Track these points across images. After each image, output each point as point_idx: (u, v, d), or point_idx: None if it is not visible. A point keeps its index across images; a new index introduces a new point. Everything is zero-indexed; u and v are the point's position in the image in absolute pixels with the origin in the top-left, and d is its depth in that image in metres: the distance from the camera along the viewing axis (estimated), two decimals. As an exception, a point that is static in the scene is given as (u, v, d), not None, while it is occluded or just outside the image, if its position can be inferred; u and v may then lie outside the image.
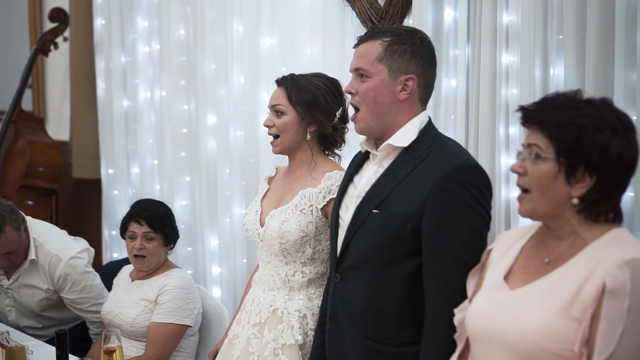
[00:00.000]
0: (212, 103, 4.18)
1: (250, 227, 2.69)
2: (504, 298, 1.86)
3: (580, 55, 2.56)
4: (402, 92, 2.26)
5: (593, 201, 1.77)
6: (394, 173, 2.24)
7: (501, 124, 2.86)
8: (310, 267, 2.63)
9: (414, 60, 2.25)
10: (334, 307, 2.34)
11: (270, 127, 2.68)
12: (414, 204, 2.16)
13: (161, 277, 3.34)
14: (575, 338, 1.71)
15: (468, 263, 2.09)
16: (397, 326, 2.21)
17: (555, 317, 1.73)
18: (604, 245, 1.75)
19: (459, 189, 2.13)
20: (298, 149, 2.68)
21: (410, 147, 2.24)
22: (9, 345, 2.73)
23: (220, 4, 4.07)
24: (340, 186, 2.45)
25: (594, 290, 1.69)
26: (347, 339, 2.29)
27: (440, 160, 2.18)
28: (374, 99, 2.26)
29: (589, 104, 1.78)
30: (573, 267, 1.76)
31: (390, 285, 2.21)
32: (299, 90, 2.64)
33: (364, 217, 2.24)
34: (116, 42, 4.83)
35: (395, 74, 2.25)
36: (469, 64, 3.00)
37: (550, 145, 1.78)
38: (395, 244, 2.19)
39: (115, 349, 2.62)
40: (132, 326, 3.27)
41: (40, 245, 3.64)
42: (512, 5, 2.79)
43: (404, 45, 2.25)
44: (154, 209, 3.40)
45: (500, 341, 1.82)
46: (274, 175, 2.82)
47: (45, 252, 3.63)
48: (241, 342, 2.65)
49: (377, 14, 3.30)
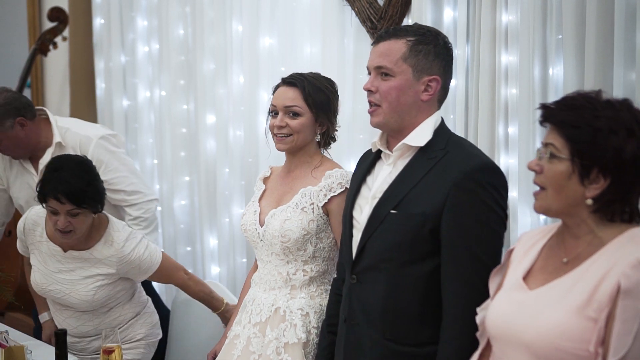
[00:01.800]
0: (212, 103, 4.18)
1: (249, 228, 2.69)
2: (522, 298, 1.86)
3: (579, 55, 2.56)
4: (425, 93, 2.25)
5: (607, 202, 1.77)
6: (411, 173, 2.23)
7: (500, 124, 2.86)
8: (312, 265, 2.63)
9: (438, 61, 2.24)
10: (351, 309, 2.32)
11: (283, 127, 2.65)
12: (433, 204, 2.16)
13: (102, 245, 3.06)
14: (590, 338, 1.71)
15: (486, 263, 2.10)
16: (417, 326, 2.21)
17: (571, 317, 1.74)
18: (621, 245, 1.76)
19: (479, 189, 2.13)
20: (303, 148, 2.68)
21: (426, 147, 2.24)
22: (8, 345, 2.72)
23: (220, 4, 4.07)
24: (351, 187, 2.44)
25: (610, 290, 1.70)
26: (366, 341, 2.27)
27: (458, 160, 2.18)
28: (397, 98, 2.24)
29: (607, 106, 1.77)
30: (590, 267, 1.77)
31: (408, 285, 2.20)
32: (315, 92, 2.63)
33: (381, 217, 2.23)
34: (116, 41, 4.83)
35: (419, 74, 2.23)
36: (468, 64, 3.00)
37: (566, 145, 1.78)
38: (413, 244, 2.19)
39: (115, 349, 2.62)
40: (92, 302, 3.06)
41: (67, 130, 3.57)
42: (512, 5, 2.79)
43: (428, 46, 2.24)
44: (74, 180, 2.92)
45: (517, 341, 1.82)
46: (269, 176, 2.81)
47: (73, 135, 3.56)
48: (242, 342, 2.65)
49: (376, 14, 3.31)
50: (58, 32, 5.19)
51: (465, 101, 3.00)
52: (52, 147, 3.56)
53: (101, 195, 3.03)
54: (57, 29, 5.19)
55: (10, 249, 4.80)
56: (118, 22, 4.83)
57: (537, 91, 2.72)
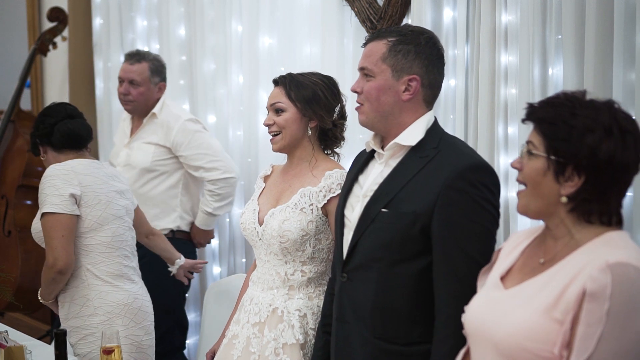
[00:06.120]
0: (212, 103, 4.19)
1: (248, 226, 2.69)
2: (496, 297, 1.87)
3: (579, 55, 2.56)
4: (405, 93, 2.25)
5: (583, 201, 1.77)
6: (402, 172, 2.24)
7: (500, 124, 2.86)
8: (310, 266, 2.63)
9: (418, 60, 2.24)
10: (341, 307, 2.33)
11: (271, 125, 2.69)
12: (424, 203, 2.16)
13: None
14: (556, 340, 1.71)
15: (479, 262, 2.09)
16: (407, 325, 2.21)
17: (538, 318, 1.73)
18: (595, 248, 1.75)
19: (470, 189, 2.13)
20: (298, 146, 2.69)
21: (418, 147, 2.24)
22: (8, 345, 2.72)
23: (220, 4, 4.07)
24: (344, 185, 2.44)
25: (576, 292, 1.69)
26: (355, 339, 2.28)
27: (450, 159, 2.18)
28: (377, 98, 2.26)
29: (587, 105, 1.78)
30: (562, 269, 1.76)
31: (399, 284, 2.21)
32: (297, 87, 2.66)
33: (372, 216, 2.24)
34: (115, 41, 4.83)
35: (398, 74, 2.24)
36: (468, 64, 3.00)
37: (543, 142, 1.79)
38: (404, 243, 2.19)
39: (114, 349, 2.62)
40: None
41: (166, 106, 4.02)
42: (511, 5, 2.79)
43: (408, 46, 2.24)
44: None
45: (487, 340, 1.82)
46: (269, 174, 2.82)
47: (168, 112, 3.99)
48: (241, 342, 2.65)
49: (376, 14, 3.31)
50: (57, 32, 5.19)
51: (465, 101, 3.00)
52: (148, 115, 4.02)
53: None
54: (57, 29, 5.20)
55: (10, 249, 4.80)
56: (117, 22, 4.83)
57: (537, 91, 2.72)
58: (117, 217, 3.11)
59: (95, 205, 3.04)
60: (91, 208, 3.04)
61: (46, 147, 3.16)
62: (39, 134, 3.15)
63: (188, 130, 3.93)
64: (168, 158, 3.97)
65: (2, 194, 4.97)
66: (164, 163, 3.98)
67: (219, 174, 3.91)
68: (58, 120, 3.15)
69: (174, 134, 3.92)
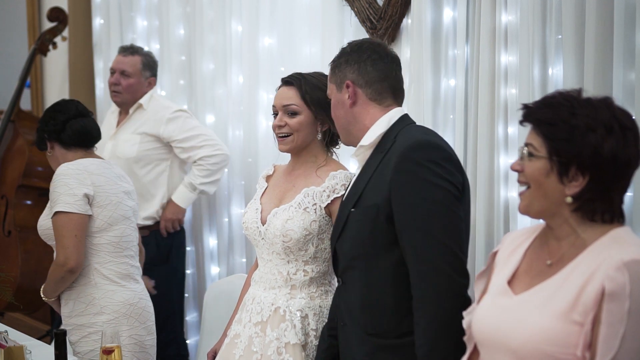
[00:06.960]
0: (211, 103, 4.19)
1: (250, 226, 2.69)
2: (507, 303, 1.85)
3: (579, 55, 2.56)
4: (349, 100, 2.36)
5: (588, 200, 1.76)
6: (366, 170, 2.32)
7: (500, 124, 2.86)
8: (312, 265, 2.63)
9: (348, 66, 2.37)
10: (339, 311, 2.39)
11: (282, 126, 2.66)
12: (381, 194, 2.22)
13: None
14: (577, 342, 1.70)
15: (438, 237, 2.13)
16: (395, 318, 2.25)
17: (557, 322, 1.73)
18: (605, 247, 1.74)
19: (416, 167, 2.17)
20: (306, 147, 2.68)
21: (380, 144, 2.32)
22: (8, 345, 2.72)
23: (219, 4, 4.07)
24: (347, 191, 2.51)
25: (594, 293, 1.69)
26: (354, 340, 2.32)
27: (399, 145, 2.24)
28: (335, 115, 2.42)
29: (585, 104, 1.77)
30: (574, 270, 1.76)
31: (379, 279, 2.26)
32: (313, 90, 2.64)
33: (344, 218, 2.33)
34: (115, 41, 4.83)
35: (339, 86, 2.38)
36: (468, 64, 3.00)
37: (544, 143, 1.78)
38: (374, 236, 2.24)
39: (114, 349, 2.62)
40: None
41: (155, 99, 4.10)
42: (511, 5, 2.79)
43: (339, 59, 2.40)
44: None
45: (504, 347, 1.81)
46: (272, 174, 2.81)
47: (157, 103, 4.09)
48: (243, 342, 2.65)
49: (375, 14, 3.31)
50: (57, 32, 5.19)
51: (465, 101, 3.00)
52: (134, 106, 4.08)
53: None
54: (57, 29, 5.19)
55: (10, 249, 4.80)
56: (117, 22, 4.83)
57: (537, 91, 2.71)
58: (125, 218, 3.11)
59: (106, 206, 3.05)
60: (102, 208, 3.04)
61: (54, 143, 3.16)
62: (49, 130, 3.14)
63: (179, 116, 4.02)
64: (155, 148, 4.03)
65: (2, 194, 4.97)
66: (151, 153, 4.03)
67: (212, 150, 3.97)
68: (70, 118, 3.14)
69: (165, 121, 3.99)
